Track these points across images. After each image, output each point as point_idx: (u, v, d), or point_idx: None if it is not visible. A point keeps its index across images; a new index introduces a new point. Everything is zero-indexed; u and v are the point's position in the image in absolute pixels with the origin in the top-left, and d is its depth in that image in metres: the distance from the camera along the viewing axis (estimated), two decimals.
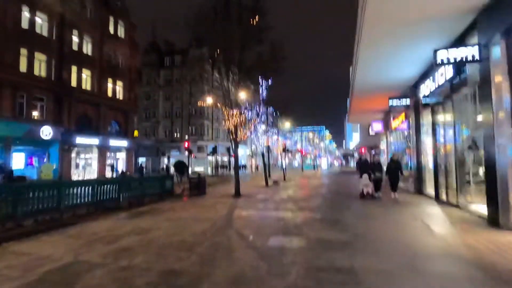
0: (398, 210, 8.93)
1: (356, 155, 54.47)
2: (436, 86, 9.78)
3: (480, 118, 7.22)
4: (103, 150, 29.21)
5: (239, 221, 7.69)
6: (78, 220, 8.24)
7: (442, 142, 10.46)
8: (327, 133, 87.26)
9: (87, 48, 28.45)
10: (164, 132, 47.39)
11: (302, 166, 46.96)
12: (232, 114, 12.80)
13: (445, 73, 8.81)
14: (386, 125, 19.30)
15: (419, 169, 12.97)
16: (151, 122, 47.36)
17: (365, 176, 11.27)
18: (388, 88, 13.70)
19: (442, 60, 7.01)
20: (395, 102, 13.24)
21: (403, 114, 14.85)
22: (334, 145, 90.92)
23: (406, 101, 13.04)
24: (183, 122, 46.85)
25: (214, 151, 35.23)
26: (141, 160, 46.82)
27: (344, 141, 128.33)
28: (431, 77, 10.35)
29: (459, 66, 7.84)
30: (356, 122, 28.00)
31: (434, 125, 10.93)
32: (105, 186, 10.27)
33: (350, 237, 5.81)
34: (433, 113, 10.94)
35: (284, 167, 24.93)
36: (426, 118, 12.03)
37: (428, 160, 12.41)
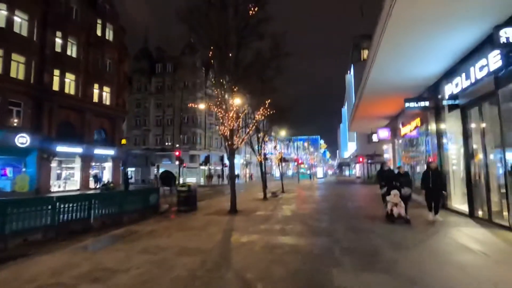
0: (437, 235, 7.08)
1: (353, 164, 52.90)
2: (472, 82, 8.12)
3: None
4: (87, 160, 26.90)
5: (239, 254, 5.71)
6: (28, 251, 6.20)
7: (477, 149, 8.75)
8: (322, 143, 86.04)
9: (72, 51, 26.43)
10: (155, 141, 45.14)
11: (298, 176, 45.07)
12: (228, 116, 10.93)
13: (488, 63, 7.15)
14: (394, 132, 17.68)
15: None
16: (141, 130, 45.11)
17: (395, 192, 8.64)
18: (403, 88, 12.06)
19: (507, 39, 5.29)
20: (412, 104, 11.56)
21: (417, 119, 13.19)
22: (328, 154, 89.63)
23: (425, 103, 11.38)
24: (175, 131, 44.67)
25: (207, 161, 33.19)
26: (130, 170, 44.39)
27: (337, 151, 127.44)
28: (463, 73, 8.71)
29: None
30: (358, 130, 26.41)
31: (466, 130, 9.21)
32: (71, 203, 8.19)
33: (405, 285, 3.93)
34: (464, 115, 9.24)
35: (281, 177, 23.03)
36: (452, 122, 10.34)
37: (453, 171, 10.68)
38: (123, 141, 30.62)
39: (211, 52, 11.09)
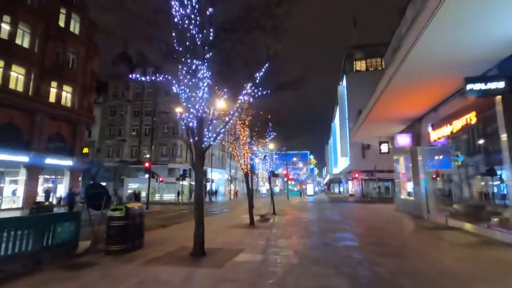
0: None
1: (345, 180, 48.68)
2: None
3: None
4: (34, 171, 21.47)
5: None
6: None
7: None
8: (311, 158, 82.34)
9: (24, 40, 21.56)
10: (130, 152, 39.71)
11: (287, 193, 40.42)
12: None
13: None
14: (417, 139, 13.56)
15: None
16: (115, 140, 39.69)
17: None
18: (460, 64, 7.94)
19: None
20: (477, 86, 7.41)
21: (471, 114, 9.05)
22: (316, 171, 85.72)
23: (500, 84, 7.26)
24: (153, 141, 39.54)
25: (185, 175, 28.16)
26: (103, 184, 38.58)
27: (324, 168, 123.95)
28: None
29: None
30: (362, 140, 22.03)
31: None
32: None
33: None
34: None
35: (272, 195, 18.37)
36: None
37: None
38: (85, 150, 25.41)
39: None
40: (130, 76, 7.48)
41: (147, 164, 23.68)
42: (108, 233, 6.85)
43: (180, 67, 6.95)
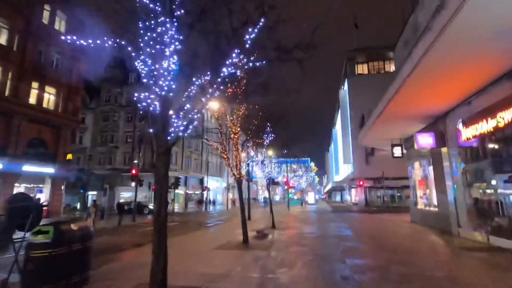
0: None
1: (348, 188, 46.24)
2: None
3: None
4: (9, 179, 19.18)
5: None
6: None
7: None
8: (312, 165, 79.63)
9: (1, 36, 19.62)
10: (123, 160, 37.40)
11: (288, 202, 37.96)
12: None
13: None
14: (441, 138, 11.34)
15: None
16: (107, 147, 37.43)
17: None
18: None
19: None
20: None
21: None
22: (316, 179, 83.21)
23: None
24: (147, 149, 37.35)
25: (177, 184, 25.84)
26: (91, 194, 36.22)
27: (324, 175, 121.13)
28: None
29: None
30: (372, 143, 19.58)
31: None
32: None
33: None
34: None
35: (270, 205, 16.03)
36: None
37: None
38: (69, 156, 23.13)
39: None
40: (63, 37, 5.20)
41: (134, 171, 21.40)
42: (25, 269, 4.57)
43: (139, 25, 4.82)
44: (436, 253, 7.85)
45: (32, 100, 21.18)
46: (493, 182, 9.13)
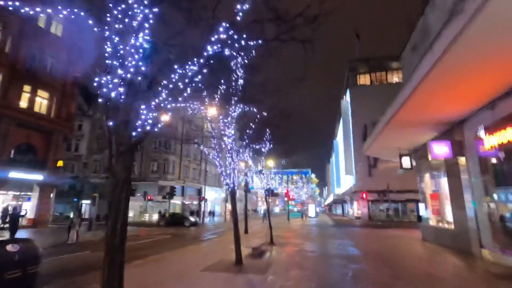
0: None
1: (350, 201, 44.68)
2: None
3: None
4: None
5: None
6: None
7: None
8: (313, 177, 77.86)
9: None
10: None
11: (288, 214, 36.51)
12: None
13: None
14: (458, 147, 10.18)
15: None
16: (103, 155, 36.31)
17: None
18: None
19: None
20: None
21: None
22: (317, 190, 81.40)
23: None
24: (144, 157, 36.26)
25: (172, 194, 24.54)
26: (85, 203, 34.88)
27: (325, 188, 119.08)
28: None
29: None
30: (378, 153, 18.18)
31: None
32: None
33: None
34: None
35: (269, 218, 14.70)
36: None
37: None
38: (59, 163, 21.97)
39: None
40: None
41: None
42: None
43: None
44: (463, 281, 6.57)
45: (23, 103, 20.24)
46: None
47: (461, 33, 5.50)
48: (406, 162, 14.10)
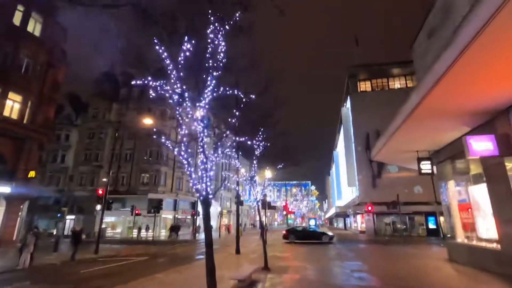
0: None
1: (353, 214, 41.60)
2: None
3: None
4: None
5: None
6: None
7: None
8: (313, 189, 74.50)
9: None
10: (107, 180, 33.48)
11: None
12: None
13: None
14: (507, 142, 7.82)
15: None
16: (90, 167, 33.72)
17: None
18: None
19: None
20: None
21: None
22: (317, 204, 77.94)
23: None
24: (133, 168, 33.67)
25: (159, 207, 21.88)
26: (69, 219, 32.00)
27: (325, 201, 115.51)
28: None
29: None
30: (389, 157, 15.30)
31: None
32: None
33: None
34: None
35: (263, 237, 12.05)
36: None
37: None
38: (31, 174, 19.39)
39: None
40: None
41: (100, 191, 17.62)
42: None
43: None
44: None
45: None
46: None
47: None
48: (426, 166, 11.67)
